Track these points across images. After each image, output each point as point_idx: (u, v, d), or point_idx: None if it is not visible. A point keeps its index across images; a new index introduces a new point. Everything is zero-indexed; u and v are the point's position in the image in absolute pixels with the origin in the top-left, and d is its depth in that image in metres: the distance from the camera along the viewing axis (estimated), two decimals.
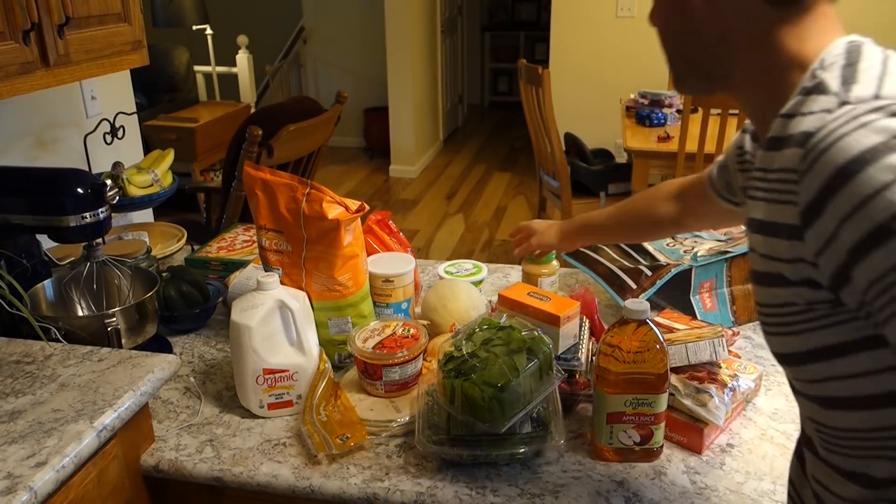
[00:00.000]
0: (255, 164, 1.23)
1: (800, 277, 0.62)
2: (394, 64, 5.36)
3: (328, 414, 1.09)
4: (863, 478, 0.64)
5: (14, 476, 0.83)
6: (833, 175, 0.56)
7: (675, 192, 1.17)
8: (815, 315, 0.62)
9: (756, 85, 0.69)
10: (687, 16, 0.70)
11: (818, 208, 0.57)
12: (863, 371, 0.61)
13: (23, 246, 1.31)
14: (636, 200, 1.23)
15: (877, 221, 0.54)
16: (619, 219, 1.24)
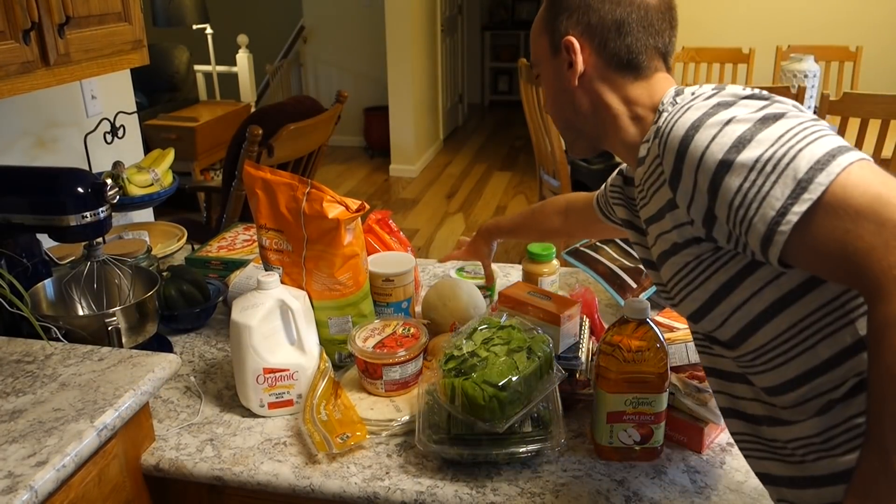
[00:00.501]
0: (256, 164, 1.23)
1: (684, 238, 0.80)
2: (394, 63, 5.36)
3: (328, 413, 1.09)
4: (785, 385, 0.78)
5: (15, 475, 0.83)
6: (679, 144, 0.75)
7: (561, 208, 1.35)
8: (706, 265, 0.79)
9: (626, 134, 0.90)
10: (566, 95, 0.92)
11: (678, 173, 0.76)
12: (749, 294, 0.76)
13: (23, 245, 1.31)
14: (534, 211, 1.40)
15: (717, 159, 0.71)
16: (522, 225, 1.42)
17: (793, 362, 0.76)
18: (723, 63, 4.15)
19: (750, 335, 0.78)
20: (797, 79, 3.15)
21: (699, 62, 4.17)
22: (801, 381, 0.76)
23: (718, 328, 0.81)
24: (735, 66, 4.14)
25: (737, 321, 0.78)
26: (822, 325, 0.74)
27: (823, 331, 0.74)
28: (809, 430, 0.77)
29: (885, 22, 4.34)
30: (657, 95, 0.88)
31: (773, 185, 0.68)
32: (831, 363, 0.74)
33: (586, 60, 0.89)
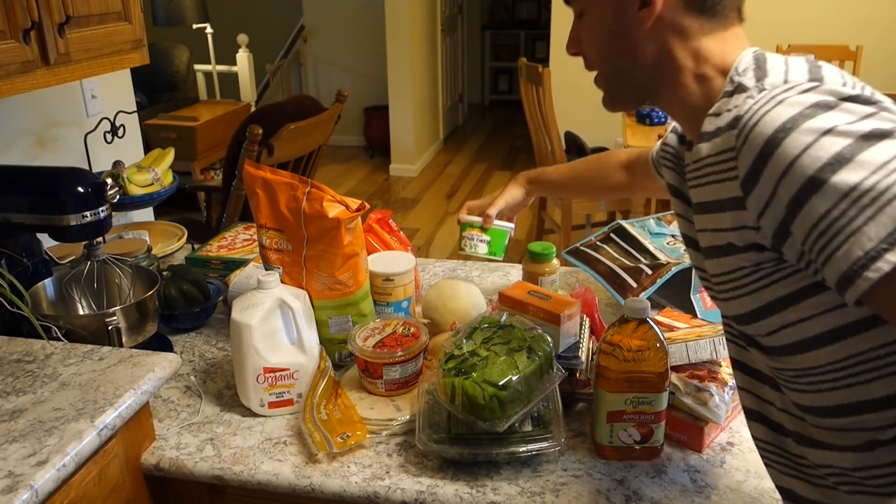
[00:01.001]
0: (256, 163, 1.23)
1: (745, 243, 0.71)
2: (394, 63, 5.36)
3: (329, 412, 1.09)
4: (824, 410, 0.72)
5: (15, 475, 0.83)
6: (763, 144, 0.65)
7: (624, 162, 1.29)
8: (763, 274, 0.71)
9: (687, 93, 0.79)
10: (628, 39, 0.80)
11: (755, 175, 0.66)
12: (808, 315, 0.69)
13: (23, 245, 1.31)
14: (590, 164, 1.34)
15: (807, 175, 0.62)
16: (576, 178, 1.35)
17: (841, 391, 0.70)
18: None
19: (798, 353, 0.71)
20: None
21: None
22: (845, 412, 0.70)
23: (764, 336, 0.74)
24: None
25: (787, 336, 0.71)
26: (883, 363, 0.67)
27: (883, 369, 0.67)
28: (846, 461, 0.71)
29: (885, 21, 4.34)
30: (730, 55, 0.78)
31: (867, 221, 0.59)
32: (884, 402, 0.68)
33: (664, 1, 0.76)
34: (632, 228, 1.52)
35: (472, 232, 1.39)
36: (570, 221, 3.54)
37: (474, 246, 1.39)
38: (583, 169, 1.33)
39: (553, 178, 1.36)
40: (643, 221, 1.55)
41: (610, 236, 1.53)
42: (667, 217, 1.57)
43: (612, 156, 1.30)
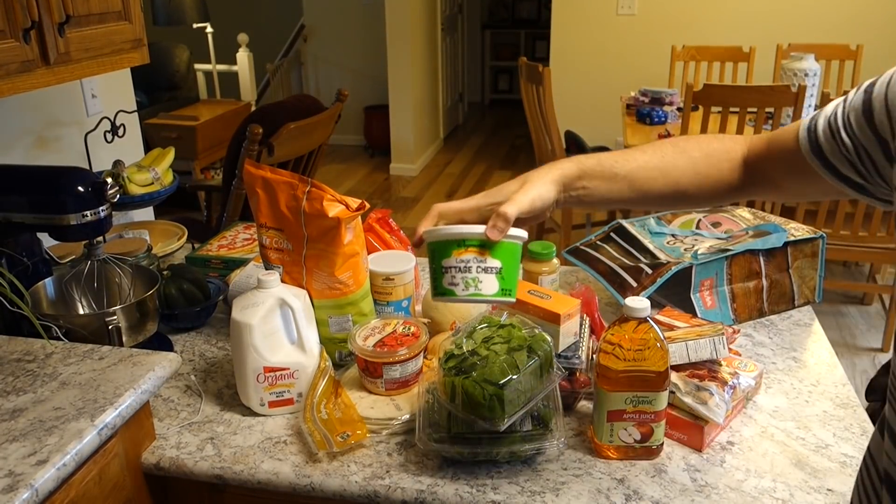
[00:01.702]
0: (256, 163, 1.23)
1: None
2: (394, 62, 5.36)
3: (329, 412, 1.09)
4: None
5: (15, 474, 0.83)
6: None
7: (741, 158, 0.90)
8: None
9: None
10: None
11: None
12: None
13: (24, 244, 1.31)
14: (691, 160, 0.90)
15: None
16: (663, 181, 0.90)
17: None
18: (723, 62, 4.15)
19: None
20: (798, 77, 3.15)
21: (699, 61, 4.16)
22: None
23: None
24: (735, 64, 4.14)
25: None
26: None
27: None
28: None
29: (885, 20, 4.33)
30: None
31: None
32: None
33: None
34: (632, 228, 1.52)
35: (467, 255, 0.83)
36: (571, 221, 3.54)
37: (474, 281, 0.83)
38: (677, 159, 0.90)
39: (617, 172, 0.90)
40: (643, 221, 1.55)
41: (610, 235, 1.53)
42: (667, 217, 1.57)
43: (720, 141, 0.91)
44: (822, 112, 0.78)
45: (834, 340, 3.12)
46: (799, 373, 1.24)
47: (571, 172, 0.90)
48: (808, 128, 0.79)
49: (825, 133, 0.76)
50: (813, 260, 1.46)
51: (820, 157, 0.77)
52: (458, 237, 0.83)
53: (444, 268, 0.84)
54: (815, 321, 1.43)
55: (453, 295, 0.83)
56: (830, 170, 0.77)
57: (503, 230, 0.83)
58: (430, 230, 0.85)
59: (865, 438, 1.07)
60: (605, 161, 0.91)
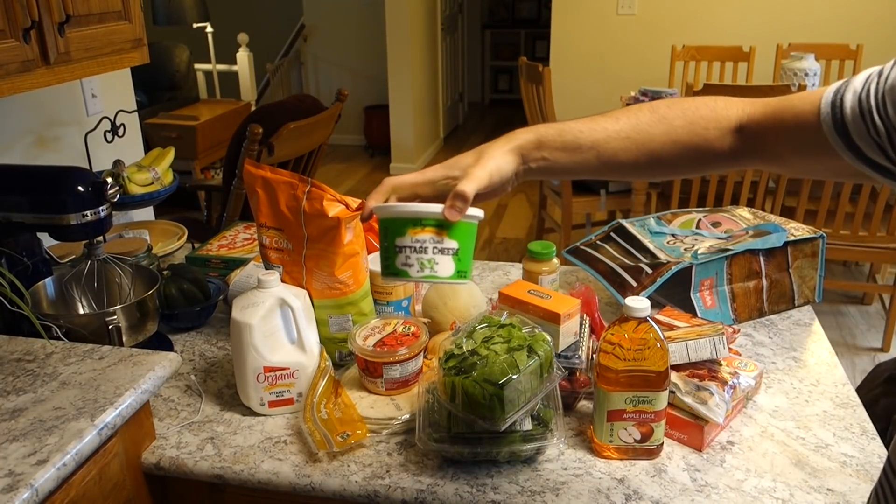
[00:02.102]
0: (256, 162, 1.23)
1: None
2: (394, 62, 5.36)
3: (329, 412, 1.09)
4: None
5: (15, 474, 0.83)
6: None
7: (735, 123, 0.82)
8: None
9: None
10: None
11: None
12: None
13: (24, 244, 1.31)
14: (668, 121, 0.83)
15: None
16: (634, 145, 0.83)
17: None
18: (723, 61, 4.15)
19: None
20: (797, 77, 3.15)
21: (699, 60, 4.16)
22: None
23: None
24: (735, 64, 4.14)
25: None
26: None
27: None
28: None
29: (885, 20, 4.33)
30: None
31: None
32: None
33: None
34: (632, 227, 1.52)
35: (423, 234, 0.79)
36: (571, 220, 3.54)
37: (429, 263, 0.79)
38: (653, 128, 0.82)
39: (581, 142, 0.83)
40: (643, 220, 1.55)
41: (610, 235, 1.53)
42: (667, 216, 1.57)
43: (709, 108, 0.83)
44: (850, 85, 0.69)
45: (834, 340, 3.12)
46: (799, 372, 1.24)
47: (528, 142, 0.84)
48: (832, 102, 0.70)
49: (853, 111, 0.67)
50: (813, 260, 1.46)
51: (844, 136, 0.69)
52: (414, 216, 0.78)
53: (398, 247, 0.79)
54: (815, 321, 1.43)
55: (406, 276, 0.79)
56: (854, 151, 0.69)
57: (462, 210, 0.78)
58: (383, 206, 0.80)
59: (865, 438, 1.07)
60: (569, 131, 0.84)
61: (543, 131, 0.84)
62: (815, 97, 0.73)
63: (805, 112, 0.73)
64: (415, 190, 0.84)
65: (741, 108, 0.82)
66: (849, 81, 0.70)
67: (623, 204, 3.51)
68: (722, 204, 3.06)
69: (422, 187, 0.83)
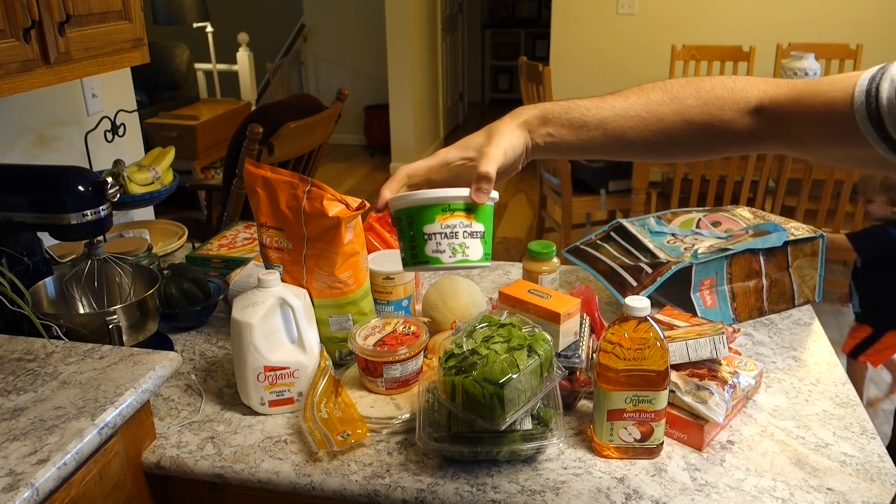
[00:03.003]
0: (256, 162, 1.24)
1: None
2: (394, 61, 5.36)
3: (329, 411, 1.09)
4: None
5: (16, 473, 0.83)
6: None
7: (755, 104, 0.79)
8: None
9: None
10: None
11: None
12: None
13: (24, 244, 1.31)
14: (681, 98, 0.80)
15: None
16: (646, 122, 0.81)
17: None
18: (723, 61, 4.15)
19: None
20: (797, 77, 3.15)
21: (699, 60, 4.16)
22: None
23: None
24: (735, 63, 4.14)
25: None
26: None
27: None
28: None
29: (885, 19, 4.33)
30: None
31: None
32: None
33: None
34: (632, 227, 1.52)
35: (454, 219, 0.79)
36: (571, 220, 3.54)
37: (461, 247, 0.79)
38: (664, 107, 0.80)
39: (588, 120, 0.81)
40: (643, 220, 1.55)
41: (610, 235, 1.53)
42: (667, 216, 1.57)
43: (727, 88, 0.80)
44: (888, 73, 0.66)
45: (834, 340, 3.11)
46: (799, 372, 1.24)
47: (533, 118, 0.83)
48: (866, 91, 0.67)
49: (890, 101, 0.64)
50: (813, 259, 1.46)
51: (879, 127, 0.65)
52: (442, 202, 0.78)
53: (427, 235, 0.78)
54: (815, 320, 1.43)
55: (438, 263, 0.78)
56: (888, 143, 0.66)
57: (488, 191, 0.78)
58: (402, 196, 0.79)
59: (865, 437, 1.07)
60: (575, 108, 0.83)
61: (549, 107, 0.83)
62: (848, 83, 0.70)
63: (836, 99, 0.70)
64: (429, 175, 0.83)
65: (762, 88, 0.79)
66: (886, 68, 0.67)
67: (623, 203, 3.51)
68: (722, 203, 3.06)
69: (436, 171, 0.82)
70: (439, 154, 0.83)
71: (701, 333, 1.11)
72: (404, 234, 0.80)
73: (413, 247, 0.80)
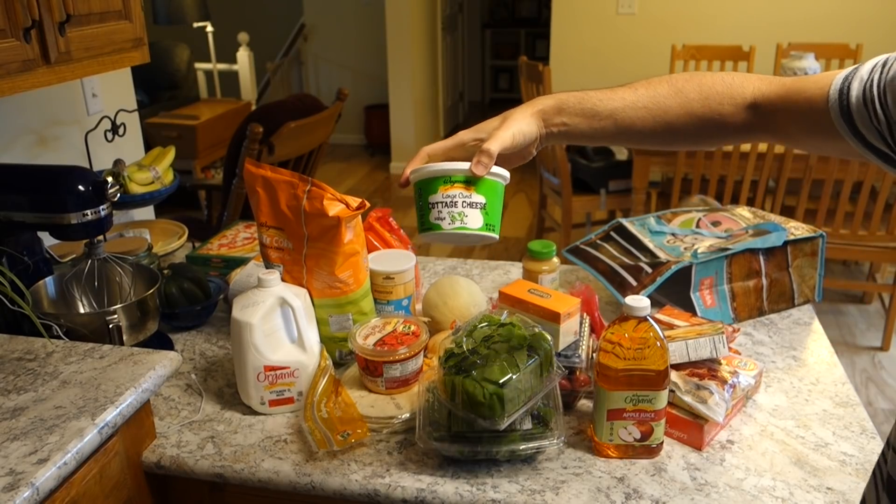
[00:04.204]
0: (256, 162, 1.24)
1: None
2: (394, 61, 5.36)
3: (329, 411, 1.09)
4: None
5: (16, 472, 0.83)
6: None
7: (751, 100, 0.86)
8: None
9: None
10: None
11: None
12: None
13: (24, 243, 1.31)
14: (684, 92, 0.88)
15: None
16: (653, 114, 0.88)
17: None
18: (723, 60, 4.15)
19: None
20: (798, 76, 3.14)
21: (699, 60, 4.16)
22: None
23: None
24: (735, 63, 4.14)
25: None
26: None
27: None
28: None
29: (885, 19, 4.33)
30: None
31: None
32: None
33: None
34: (632, 227, 1.52)
35: (453, 190, 0.85)
36: (571, 220, 3.54)
37: (460, 215, 0.85)
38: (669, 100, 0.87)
39: (599, 110, 0.89)
40: (643, 220, 1.55)
41: (610, 234, 1.53)
42: (667, 215, 1.57)
43: (725, 84, 0.87)
44: (858, 74, 0.72)
45: (834, 339, 3.12)
46: (798, 371, 1.24)
47: (549, 107, 0.91)
48: (839, 90, 0.74)
49: (858, 100, 0.71)
50: (813, 259, 1.46)
51: (849, 123, 0.72)
52: (444, 173, 0.86)
53: (431, 203, 0.86)
54: (815, 320, 1.43)
55: (439, 229, 0.86)
56: (858, 137, 0.72)
57: (487, 165, 0.86)
58: (417, 169, 0.89)
59: (865, 437, 1.07)
60: (588, 99, 0.90)
61: (564, 98, 0.91)
62: (826, 82, 0.76)
63: (815, 96, 0.77)
64: (447, 154, 0.92)
65: (757, 85, 0.86)
66: (857, 69, 0.73)
67: (623, 203, 3.51)
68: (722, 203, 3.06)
69: (453, 151, 0.91)
70: (457, 136, 0.92)
71: (701, 333, 1.11)
72: (417, 203, 0.90)
73: (422, 215, 0.88)
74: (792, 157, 2.93)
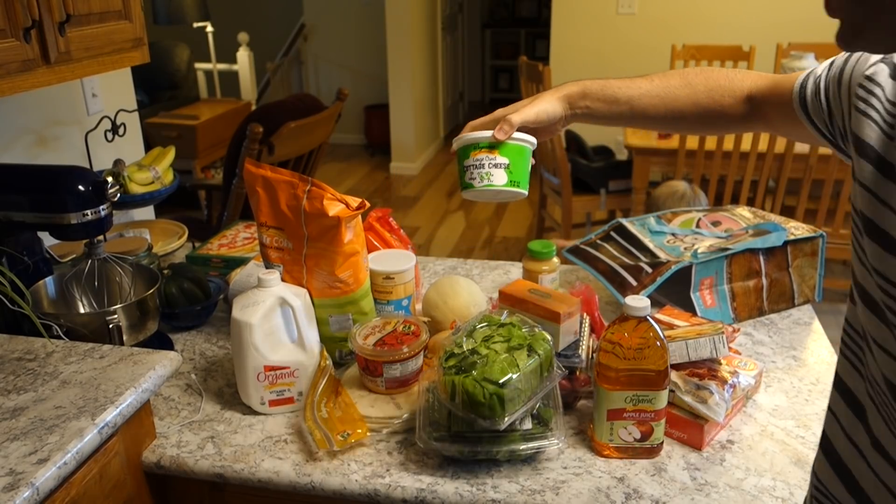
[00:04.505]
0: (256, 162, 1.24)
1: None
2: (394, 61, 5.36)
3: (329, 411, 1.09)
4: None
5: (16, 472, 0.83)
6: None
7: (748, 93, 0.98)
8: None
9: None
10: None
11: None
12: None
13: (24, 243, 1.31)
14: (692, 86, 1.01)
15: None
16: (665, 103, 1.01)
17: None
18: (723, 60, 4.15)
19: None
20: None
21: (699, 60, 4.16)
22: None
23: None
24: (735, 63, 4.14)
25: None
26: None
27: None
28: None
29: None
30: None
31: None
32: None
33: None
34: (632, 227, 1.52)
35: (480, 155, 1.00)
36: (571, 220, 3.54)
37: (486, 175, 0.99)
38: (680, 91, 1.00)
39: (619, 97, 1.01)
40: (643, 220, 1.55)
41: (610, 234, 1.53)
42: (667, 215, 1.57)
43: (728, 79, 1.00)
44: (814, 71, 0.85)
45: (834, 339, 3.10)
46: (799, 371, 1.24)
47: (574, 93, 1.04)
48: (801, 84, 0.86)
49: (812, 91, 0.83)
50: (813, 259, 1.46)
51: (805, 111, 0.85)
52: (474, 141, 1.00)
53: (465, 166, 1.01)
54: (815, 320, 1.43)
55: (472, 188, 1.00)
56: (811, 124, 0.84)
57: (507, 132, 0.99)
58: (456, 139, 1.03)
59: None
60: (609, 86, 1.03)
61: (589, 84, 1.04)
62: (795, 77, 0.89)
63: (787, 89, 0.90)
64: (486, 126, 1.03)
65: (753, 80, 1.00)
66: (816, 67, 0.84)
67: (623, 203, 3.51)
68: (722, 203, 3.06)
69: (491, 124, 1.03)
70: (495, 112, 1.05)
71: (701, 333, 1.11)
72: (458, 168, 1.03)
73: (461, 177, 1.02)
74: (792, 157, 2.93)
